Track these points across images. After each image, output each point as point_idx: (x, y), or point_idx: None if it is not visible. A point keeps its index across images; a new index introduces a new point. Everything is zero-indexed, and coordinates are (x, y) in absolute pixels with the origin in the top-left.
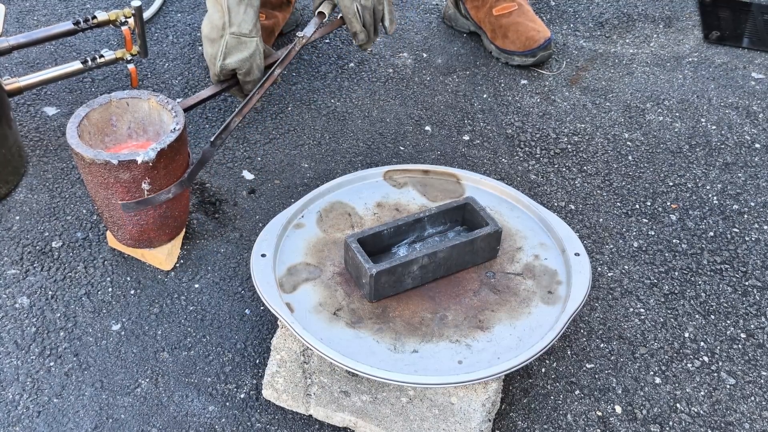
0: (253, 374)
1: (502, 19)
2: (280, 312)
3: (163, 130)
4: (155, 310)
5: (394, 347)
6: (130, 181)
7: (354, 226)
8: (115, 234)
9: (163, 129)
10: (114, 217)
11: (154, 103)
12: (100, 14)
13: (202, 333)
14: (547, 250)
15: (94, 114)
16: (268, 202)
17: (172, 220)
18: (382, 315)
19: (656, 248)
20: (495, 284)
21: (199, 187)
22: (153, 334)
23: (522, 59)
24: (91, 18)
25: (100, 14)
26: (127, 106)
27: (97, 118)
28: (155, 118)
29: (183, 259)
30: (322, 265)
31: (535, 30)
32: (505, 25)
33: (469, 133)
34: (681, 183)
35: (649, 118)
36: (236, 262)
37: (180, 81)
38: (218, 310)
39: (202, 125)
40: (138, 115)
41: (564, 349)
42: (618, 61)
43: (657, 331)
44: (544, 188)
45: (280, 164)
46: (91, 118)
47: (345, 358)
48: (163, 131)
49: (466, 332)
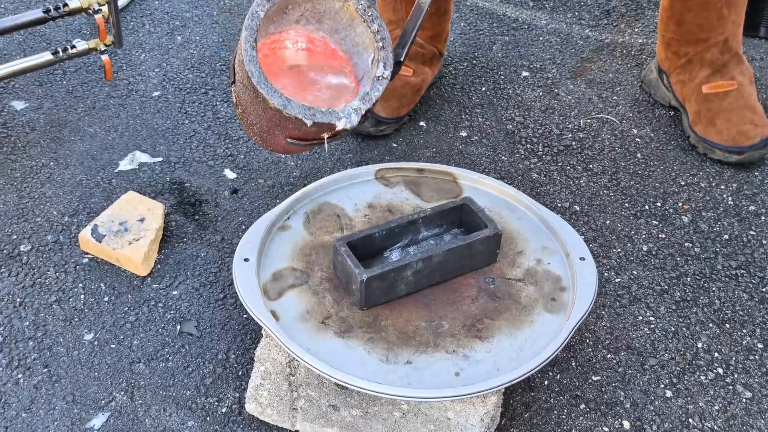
0: (236, 387)
1: (712, 101)
2: (264, 320)
3: (348, 40)
4: (131, 319)
5: (387, 358)
6: (314, 132)
7: (343, 229)
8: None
9: (349, 39)
10: (266, 138)
11: (351, 7)
12: (71, 1)
13: (180, 343)
14: (550, 254)
15: (271, 10)
16: (251, 202)
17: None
18: (374, 324)
19: (667, 252)
20: (494, 291)
21: (177, 187)
22: (128, 344)
23: (725, 155)
24: (62, 5)
25: (72, 2)
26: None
27: (272, 12)
28: (343, 21)
29: (160, 264)
30: (309, 271)
31: (751, 123)
32: (714, 110)
33: (467, 129)
34: (693, 182)
35: (659, 113)
36: (217, 267)
37: (158, 73)
38: (198, 318)
39: (180, 120)
40: (320, 6)
41: (568, 360)
42: (626, 51)
43: (668, 341)
44: (547, 188)
45: (264, 162)
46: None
47: (334, 369)
48: (346, 42)
49: (464, 342)
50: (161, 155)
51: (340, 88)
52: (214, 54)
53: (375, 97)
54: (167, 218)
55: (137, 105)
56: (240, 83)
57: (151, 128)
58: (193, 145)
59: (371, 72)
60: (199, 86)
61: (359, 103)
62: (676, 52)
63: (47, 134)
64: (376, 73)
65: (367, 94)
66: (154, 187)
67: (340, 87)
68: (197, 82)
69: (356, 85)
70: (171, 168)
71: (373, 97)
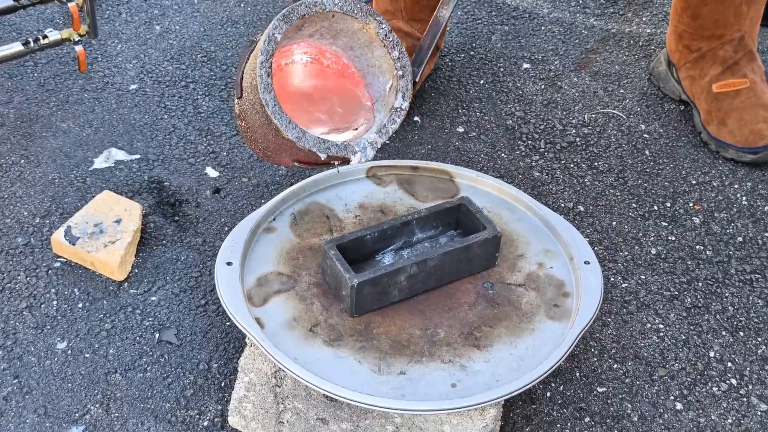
0: (218, 399)
1: (723, 100)
2: (248, 328)
3: (364, 60)
4: (106, 326)
5: (379, 368)
6: (325, 159)
7: (333, 231)
8: (250, 146)
9: (364, 59)
10: (271, 156)
11: (372, 30)
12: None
13: (159, 352)
14: (552, 257)
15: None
16: (234, 202)
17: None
18: (365, 332)
19: (677, 255)
20: (493, 296)
21: (156, 186)
22: (104, 353)
23: (738, 154)
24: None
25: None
26: (331, 18)
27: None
28: (360, 41)
29: (138, 268)
30: (296, 275)
31: (765, 122)
32: (725, 109)
33: (464, 125)
34: (705, 181)
35: (668, 108)
36: (198, 272)
37: (135, 65)
38: (178, 325)
39: (159, 114)
40: (338, 25)
41: (572, 370)
42: (633, 42)
43: (678, 350)
44: (550, 187)
45: (248, 159)
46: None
47: (322, 380)
48: (361, 61)
49: (461, 351)
50: (139, 152)
51: (355, 106)
52: (195, 45)
53: (392, 130)
54: (145, 219)
55: (113, 99)
56: (249, 104)
57: (128, 123)
58: (173, 141)
59: (388, 100)
60: (179, 79)
61: (375, 136)
62: (688, 46)
63: (17, 130)
64: (394, 104)
65: (384, 126)
66: (131, 186)
67: (355, 104)
68: (177, 75)
69: (371, 104)
70: (149, 166)
71: (390, 130)
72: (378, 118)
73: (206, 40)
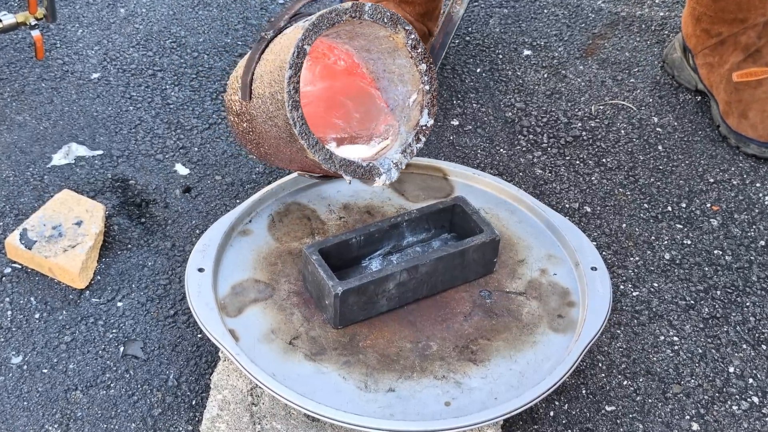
0: (189, 419)
1: (744, 90)
2: (221, 341)
3: (381, 64)
4: (66, 339)
5: (365, 385)
6: (335, 175)
7: (315, 234)
8: (248, 146)
9: (381, 63)
10: (272, 160)
11: (400, 40)
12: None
13: (124, 367)
14: (556, 263)
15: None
16: (207, 203)
17: None
18: (350, 345)
19: (693, 261)
20: (491, 306)
21: (120, 185)
22: (63, 368)
23: (761, 150)
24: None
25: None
26: (358, 23)
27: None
28: (382, 46)
29: (101, 275)
30: (274, 283)
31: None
32: (746, 100)
33: (459, 117)
34: (724, 179)
35: (683, 98)
36: (167, 279)
37: (97, 51)
38: (145, 338)
39: (124, 106)
40: (360, 29)
41: (578, 387)
42: (645, 26)
43: (694, 364)
44: (553, 186)
45: (222, 155)
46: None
47: (303, 398)
48: (377, 65)
49: (455, 366)
50: (101, 147)
51: (372, 109)
52: (163, 29)
53: (417, 149)
54: (108, 221)
55: (73, 89)
56: (262, 113)
57: (90, 116)
58: (139, 135)
59: (411, 115)
60: (145, 67)
61: (400, 156)
62: (707, 30)
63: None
64: (420, 121)
65: (408, 145)
66: (94, 184)
67: (372, 107)
68: (143, 62)
69: (387, 107)
70: (113, 162)
71: (414, 150)
72: (401, 132)
73: (176, 24)
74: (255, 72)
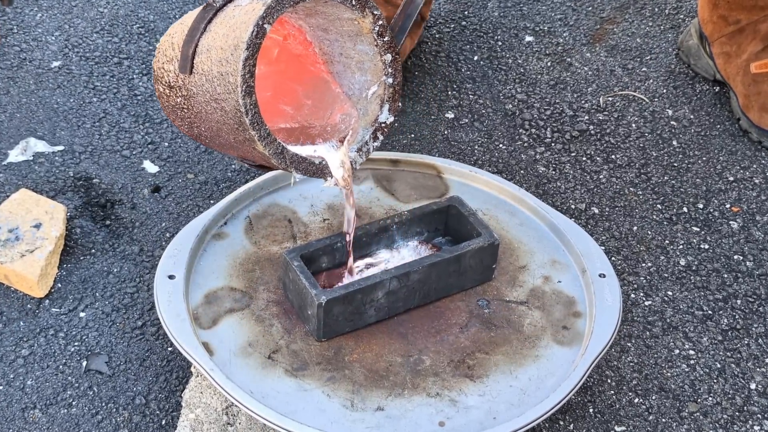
0: None
1: (763, 82)
2: (194, 355)
3: (337, 46)
4: (23, 352)
5: (352, 403)
6: (275, 167)
7: (296, 237)
8: (179, 124)
9: (338, 46)
10: (210, 143)
11: (366, 26)
12: None
13: (88, 383)
14: (561, 269)
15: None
16: (178, 203)
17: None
18: (335, 359)
19: (711, 267)
20: (490, 317)
21: (83, 183)
22: (20, 384)
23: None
24: None
25: None
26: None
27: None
28: (344, 28)
29: (62, 283)
30: (252, 291)
31: None
32: (766, 92)
33: (455, 110)
34: (745, 178)
35: (700, 89)
36: (135, 287)
37: (58, 37)
38: (110, 352)
39: (87, 97)
40: (322, 8)
41: (584, 405)
42: (659, 10)
43: (712, 380)
44: (558, 185)
45: (195, 152)
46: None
47: (284, 418)
48: (333, 46)
49: (450, 383)
50: (62, 143)
51: (327, 96)
52: (130, 13)
53: (373, 148)
54: (70, 224)
55: (31, 78)
56: (203, 92)
57: (50, 108)
58: (104, 129)
59: (369, 110)
60: (110, 54)
61: (356, 155)
62: (725, 17)
63: None
64: (379, 116)
65: (365, 143)
66: (54, 183)
67: (326, 93)
68: (108, 50)
69: (343, 92)
70: (75, 159)
71: (371, 148)
72: (358, 133)
73: (143, 8)
74: (199, 44)
